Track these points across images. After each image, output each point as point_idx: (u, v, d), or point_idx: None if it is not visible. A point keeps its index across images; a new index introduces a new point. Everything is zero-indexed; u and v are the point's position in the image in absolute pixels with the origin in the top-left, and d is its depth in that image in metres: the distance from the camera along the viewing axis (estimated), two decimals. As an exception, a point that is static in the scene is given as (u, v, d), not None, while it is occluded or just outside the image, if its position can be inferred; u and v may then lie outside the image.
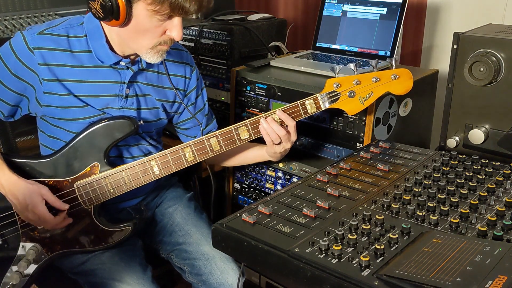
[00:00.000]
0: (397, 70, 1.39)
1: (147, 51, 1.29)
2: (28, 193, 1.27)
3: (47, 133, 1.42)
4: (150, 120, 1.47)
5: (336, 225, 1.03)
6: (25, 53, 1.29)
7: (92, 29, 1.33)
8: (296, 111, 1.41)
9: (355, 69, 1.40)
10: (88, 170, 1.35)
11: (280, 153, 1.48)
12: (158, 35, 1.27)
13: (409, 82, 1.40)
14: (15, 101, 1.34)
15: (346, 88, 1.39)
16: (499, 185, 1.16)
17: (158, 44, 1.28)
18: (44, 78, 1.31)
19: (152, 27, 1.24)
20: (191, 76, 1.54)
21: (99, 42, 1.33)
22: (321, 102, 1.41)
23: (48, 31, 1.31)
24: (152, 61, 1.32)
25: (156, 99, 1.46)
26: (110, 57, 1.34)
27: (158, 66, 1.46)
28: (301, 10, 2.54)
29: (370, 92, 1.39)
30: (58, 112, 1.35)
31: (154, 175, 1.38)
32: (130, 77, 1.39)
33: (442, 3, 2.10)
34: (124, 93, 1.39)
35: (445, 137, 1.49)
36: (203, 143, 1.38)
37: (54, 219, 1.31)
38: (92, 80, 1.35)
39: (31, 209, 1.27)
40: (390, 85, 1.39)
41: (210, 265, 1.47)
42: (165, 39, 1.28)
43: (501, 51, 1.33)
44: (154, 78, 1.46)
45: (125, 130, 1.35)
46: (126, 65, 1.37)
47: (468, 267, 0.82)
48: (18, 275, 1.31)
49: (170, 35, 1.27)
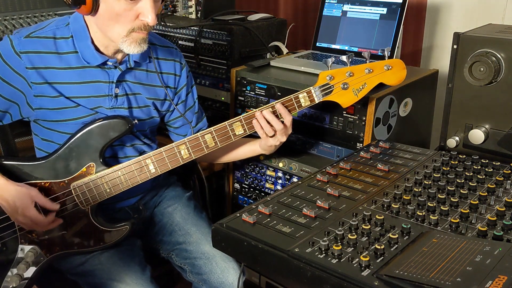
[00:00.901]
0: (390, 61, 1.39)
1: (123, 39, 1.27)
2: (18, 196, 1.26)
3: (41, 136, 1.42)
4: (143, 119, 1.47)
5: (336, 225, 1.03)
6: (12, 57, 1.29)
7: (78, 30, 1.33)
8: (290, 104, 1.41)
9: (347, 61, 1.40)
10: (84, 171, 1.35)
11: (274, 145, 1.48)
12: (132, 20, 1.25)
13: (402, 72, 1.40)
14: (4, 107, 1.33)
15: (339, 80, 1.40)
16: (499, 185, 1.16)
17: (133, 31, 1.27)
18: (33, 82, 1.31)
19: (122, 10, 1.23)
20: (181, 73, 1.54)
21: (85, 43, 1.33)
22: (314, 95, 1.41)
23: (34, 34, 1.32)
24: (131, 51, 1.29)
25: (147, 98, 1.46)
26: (96, 57, 1.34)
27: (147, 64, 1.46)
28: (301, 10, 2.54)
29: (364, 83, 1.40)
30: (51, 114, 1.35)
31: (150, 173, 1.38)
32: (118, 76, 1.39)
33: (442, 3, 2.10)
34: (113, 93, 1.39)
35: (445, 137, 1.49)
36: (198, 140, 1.38)
37: (45, 220, 1.30)
38: (81, 81, 1.35)
39: (22, 212, 1.27)
40: (383, 76, 1.40)
41: (211, 264, 1.47)
42: (138, 25, 1.26)
43: (501, 51, 1.33)
44: (143, 77, 1.45)
45: (120, 130, 1.35)
46: (113, 64, 1.37)
47: (468, 267, 0.82)
48: (17, 277, 1.31)
49: (143, 20, 1.25)
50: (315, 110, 1.66)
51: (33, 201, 1.28)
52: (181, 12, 2.25)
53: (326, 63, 1.42)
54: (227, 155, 1.63)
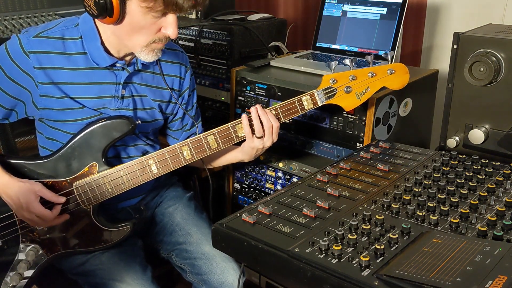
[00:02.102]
0: (393, 65, 1.39)
1: (141, 49, 1.29)
2: (21, 192, 1.26)
3: (45, 135, 1.43)
4: (147, 121, 1.48)
5: (336, 225, 1.03)
6: (20, 57, 1.29)
7: (87, 31, 1.33)
8: (293, 107, 1.41)
9: (350, 64, 1.40)
10: (87, 170, 1.35)
11: (257, 149, 1.44)
12: (154, 33, 1.26)
13: (405, 77, 1.40)
14: (11, 105, 1.34)
15: (343, 83, 1.40)
16: (499, 185, 1.16)
17: (153, 42, 1.28)
18: (39, 82, 1.31)
19: (147, 24, 1.24)
20: (185, 76, 1.54)
21: (94, 44, 1.33)
22: (317, 98, 1.41)
23: (43, 34, 1.31)
24: (147, 59, 1.31)
25: (152, 100, 1.46)
26: (106, 59, 1.34)
27: (153, 67, 1.46)
28: (301, 10, 2.54)
29: (367, 87, 1.40)
30: (55, 114, 1.36)
31: (152, 174, 1.38)
32: (126, 78, 1.39)
33: (442, 3, 2.10)
34: (120, 94, 1.39)
35: (445, 137, 1.49)
36: (201, 141, 1.38)
37: (51, 214, 1.30)
38: (88, 82, 1.35)
39: (26, 208, 1.27)
40: (386, 80, 1.40)
41: (211, 264, 1.47)
42: (159, 37, 1.28)
43: (501, 51, 1.33)
44: (150, 79, 1.46)
45: (123, 130, 1.35)
46: (121, 66, 1.37)
47: (468, 267, 0.82)
48: (18, 276, 1.31)
49: (165, 32, 1.27)
50: (315, 110, 1.66)
51: (38, 196, 1.29)
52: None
53: (330, 67, 1.42)
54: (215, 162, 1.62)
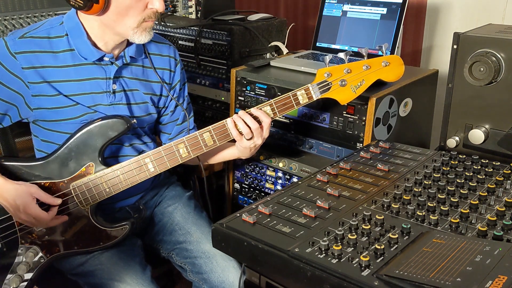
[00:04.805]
0: (388, 57, 1.39)
1: (134, 31, 1.30)
2: (18, 194, 1.26)
3: (41, 137, 1.42)
4: (141, 115, 1.48)
5: (336, 225, 1.03)
6: (7, 59, 1.29)
7: (72, 27, 1.34)
8: (288, 102, 1.41)
9: (345, 58, 1.40)
10: (84, 170, 1.36)
11: (250, 148, 1.46)
12: (141, 10, 1.28)
13: (400, 69, 1.40)
14: (3, 109, 1.33)
15: (337, 77, 1.40)
16: (499, 185, 1.16)
17: (143, 20, 1.30)
18: (30, 81, 1.31)
19: (133, 2, 1.26)
20: (176, 69, 1.55)
21: (81, 39, 1.33)
22: (312, 92, 1.41)
23: (29, 34, 1.32)
24: (142, 40, 1.33)
25: (144, 93, 1.47)
26: (93, 53, 1.34)
27: (142, 60, 1.47)
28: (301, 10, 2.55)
29: (362, 80, 1.40)
30: (49, 113, 1.36)
31: (149, 172, 1.38)
32: (115, 72, 1.39)
33: (442, 3, 2.10)
34: (111, 89, 1.40)
35: (445, 137, 1.49)
36: (197, 139, 1.39)
37: (48, 216, 1.30)
38: (78, 79, 1.36)
39: (23, 210, 1.27)
40: (381, 72, 1.39)
41: (211, 263, 1.47)
42: (148, 14, 1.30)
43: (501, 51, 1.33)
44: (140, 72, 1.46)
45: (119, 129, 1.35)
46: (110, 60, 1.37)
47: (468, 267, 0.82)
48: (18, 278, 1.31)
49: (152, 8, 1.29)
50: (315, 110, 1.66)
51: (34, 198, 1.28)
52: (181, 12, 2.25)
53: (324, 60, 1.42)
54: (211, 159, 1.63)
